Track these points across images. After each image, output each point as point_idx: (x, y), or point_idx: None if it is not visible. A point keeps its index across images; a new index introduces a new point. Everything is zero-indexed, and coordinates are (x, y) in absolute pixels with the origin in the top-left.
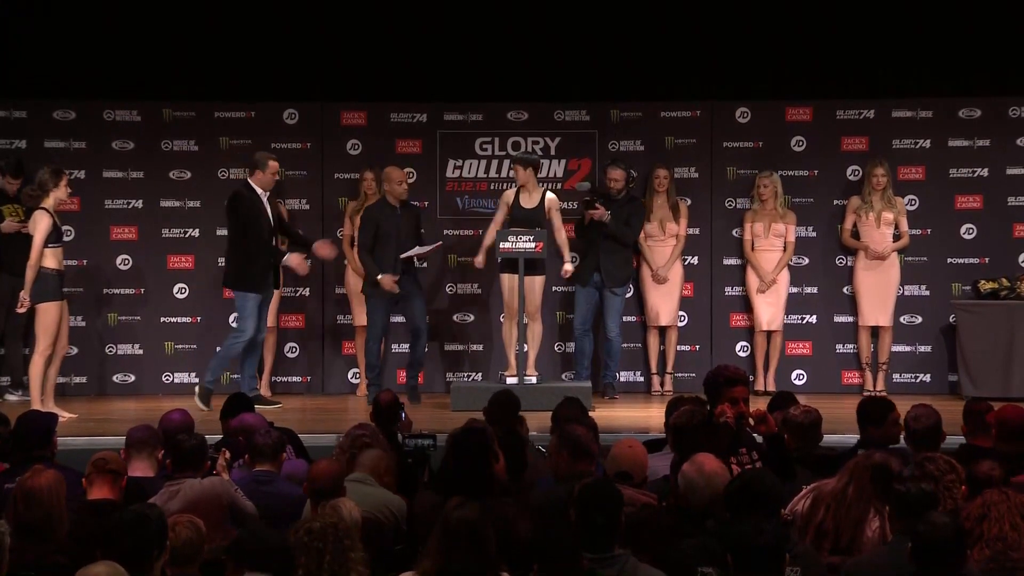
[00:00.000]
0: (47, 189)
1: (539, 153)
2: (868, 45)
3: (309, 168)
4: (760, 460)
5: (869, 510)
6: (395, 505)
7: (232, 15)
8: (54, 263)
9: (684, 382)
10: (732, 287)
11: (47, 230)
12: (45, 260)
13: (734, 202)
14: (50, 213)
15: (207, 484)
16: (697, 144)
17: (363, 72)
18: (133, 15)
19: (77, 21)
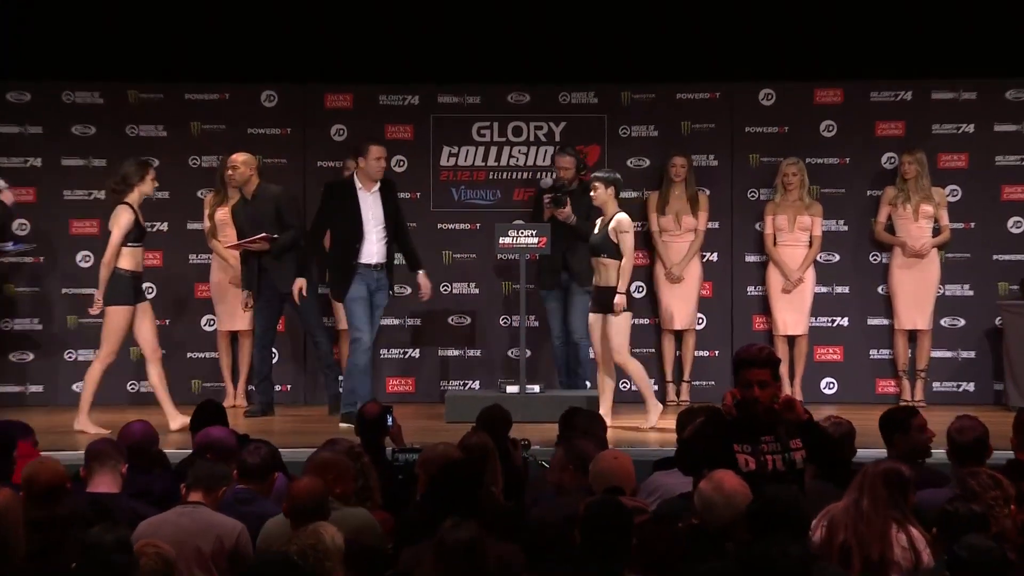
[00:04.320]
0: (131, 183)
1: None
2: (905, 19)
3: (290, 156)
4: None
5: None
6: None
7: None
8: (130, 264)
9: (702, 391)
10: (754, 286)
11: (127, 227)
12: (121, 260)
13: (757, 193)
14: (133, 209)
15: (217, 520)
16: (716, 129)
17: (349, 50)
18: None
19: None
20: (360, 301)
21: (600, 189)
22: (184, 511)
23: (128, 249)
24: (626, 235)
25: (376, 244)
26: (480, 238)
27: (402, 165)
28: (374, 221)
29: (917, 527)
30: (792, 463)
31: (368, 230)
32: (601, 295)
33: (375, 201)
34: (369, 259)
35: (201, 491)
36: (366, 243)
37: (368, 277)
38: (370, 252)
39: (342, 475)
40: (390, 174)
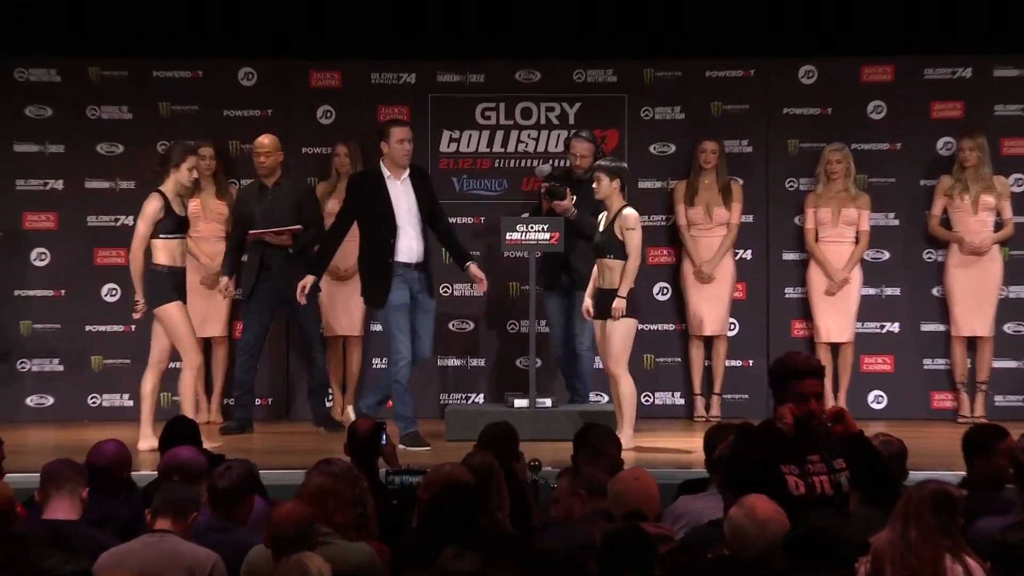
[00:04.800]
0: (167, 167)
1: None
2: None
3: None
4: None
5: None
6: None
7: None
8: (166, 258)
9: (735, 405)
10: (793, 287)
11: (152, 216)
12: (156, 254)
13: (796, 182)
14: (164, 197)
15: (188, 551)
16: (750, 111)
17: (337, 22)
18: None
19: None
20: (402, 309)
21: (604, 181)
22: (151, 540)
23: (162, 242)
24: (633, 232)
25: (415, 240)
26: (484, 234)
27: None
28: (408, 213)
29: (973, 556)
30: (839, 485)
31: (402, 224)
32: (605, 300)
33: (407, 190)
34: (408, 257)
35: (169, 518)
36: (402, 239)
37: (409, 279)
38: (408, 249)
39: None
40: None
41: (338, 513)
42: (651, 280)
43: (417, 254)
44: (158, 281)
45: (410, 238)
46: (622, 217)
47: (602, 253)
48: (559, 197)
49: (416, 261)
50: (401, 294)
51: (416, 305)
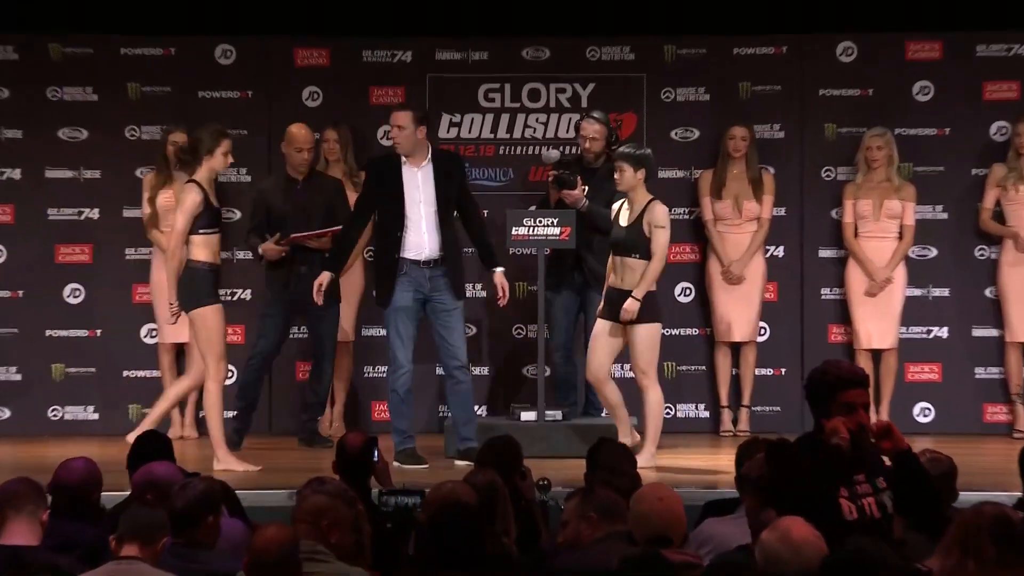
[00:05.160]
0: (200, 155)
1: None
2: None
3: (251, 126)
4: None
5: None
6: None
7: None
8: (204, 254)
9: (766, 419)
10: (830, 288)
11: (194, 209)
12: (194, 250)
13: (833, 172)
14: (201, 188)
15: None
16: (783, 93)
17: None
18: None
19: None
20: (404, 312)
21: (627, 171)
22: (118, 568)
23: (201, 238)
24: (662, 231)
25: (426, 234)
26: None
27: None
28: (421, 205)
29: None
30: (884, 507)
31: (412, 216)
32: (620, 299)
33: (424, 179)
34: (417, 253)
35: (137, 543)
36: (409, 232)
37: (417, 277)
38: (417, 244)
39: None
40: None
41: (334, 532)
42: (673, 280)
43: (430, 250)
44: (196, 280)
45: (420, 232)
46: (651, 212)
47: (624, 251)
48: (569, 186)
49: (429, 258)
50: (405, 295)
51: (432, 308)
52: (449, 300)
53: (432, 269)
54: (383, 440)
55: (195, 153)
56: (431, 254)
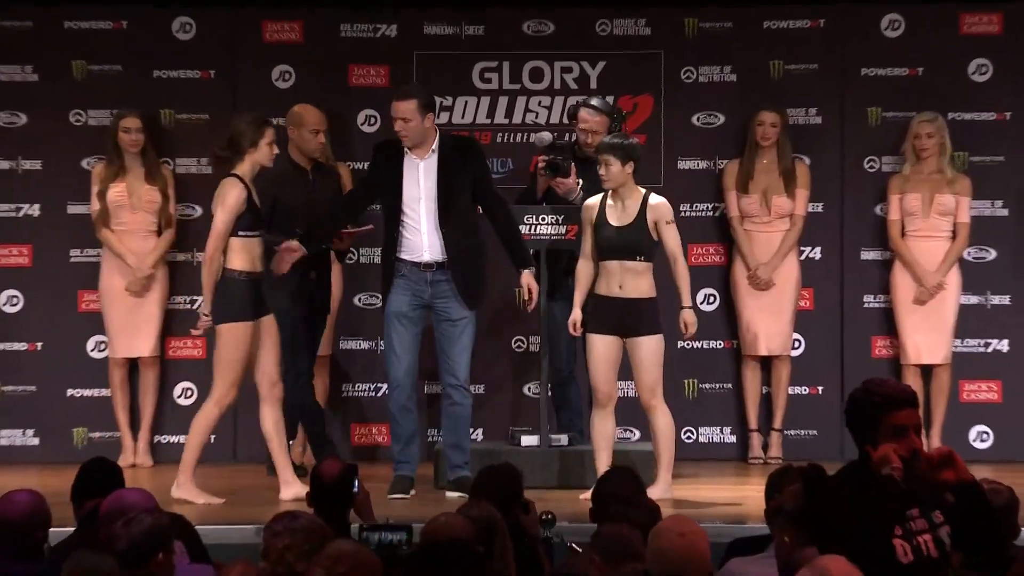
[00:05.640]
0: (242, 148)
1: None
2: None
3: (213, 110)
4: (945, 523)
5: None
6: None
7: None
8: (245, 261)
9: (800, 444)
10: (874, 295)
11: (236, 208)
12: (231, 256)
13: (877, 162)
14: (245, 184)
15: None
16: (820, 72)
17: None
18: None
19: None
20: (398, 320)
21: (614, 165)
22: None
23: (240, 241)
24: (675, 227)
25: (426, 234)
26: (484, 226)
27: (373, 123)
28: (421, 200)
29: None
30: (943, 545)
31: (409, 212)
32: (628, 311)
33: (427, 171)
34: (416, 255)
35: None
36: (406, 232)
37: (415, 281)
38: (415, 245)
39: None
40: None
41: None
42: (695, 286)
43: (430, 253)
44: (231, 290)
45: (419, 232)
46: (655, 207)
47: (626, 253)
48: (563, 173)
49: (430, 261)
50: (401, 299)
51: (435, 317)
52: (454, 309)
53: (434, 273)
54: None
55: (236, 147)
56: (432, 256)
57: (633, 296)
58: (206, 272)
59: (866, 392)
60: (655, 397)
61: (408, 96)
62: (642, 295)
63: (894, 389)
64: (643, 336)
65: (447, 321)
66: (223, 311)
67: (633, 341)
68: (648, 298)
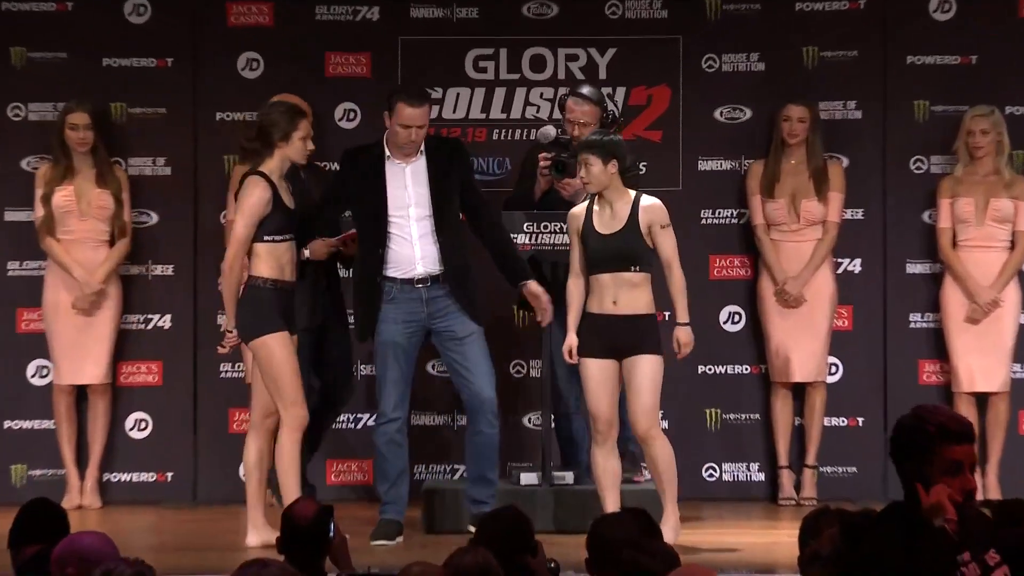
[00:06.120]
0: (271, 140)
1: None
2: None
3: (171, 103)
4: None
5: None
6: None
7: None
8: (270, 269)
9: (838, 483)
10: (922, 313)
11: (259, 210)
12: (257, 263)
13: (925, 162)
14: (271, 183)
15: None
16: (860, 59)
17: None
18: None
19: None
20: (392, 349)
21: (596, 166)
22: None
23: (266, 247)
24: (670, 230)
25: (418, 245)
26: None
27: (353, 118)
28: (412, 207)
29: None
30: None
31: (398, 223)
32: (627, 329)
33: (415, 175)
34: (408, 271)
35: None
36: (396, 244)
37: (408, 302)
38: (406, 259)
39: None
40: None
41: None
42: (716, 302)
43: (424, 265)
44: (259, 302)
45: (409, 243)
46: (648, 209)
47: (619, 264)
48: (570, 173)
49: (424, 275)
50: (393, 328)
51: (440, 339)
52: (459, 325)
53: (430, 289)
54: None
55: (266, 139)
56: (427, 269)
57: (628, 313)
58: (226, 284)
59: (917, 420)
60: (653, 426)
61: (425, 100)
62: (639, 311)
63: (950, 419)
64: (640, 355)
65: (454, 340)
66: (251, 325)
67: (629, 361)
68: (646, 314)
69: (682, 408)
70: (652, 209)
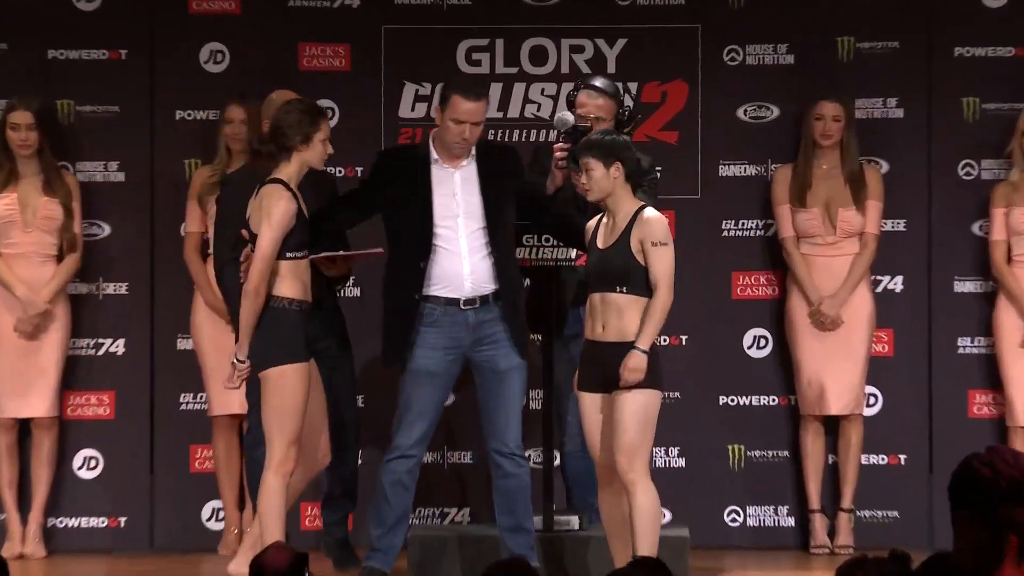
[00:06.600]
0: (290, 143)
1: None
2: None
3: (126, 100)
4: None
5: None
6: None
7: None
8: (292, 288)
9: (875, 529)
10: (972, 338)
11: (286, 223)
12: (279, 283)
13: (975, 167)
14: (293, 193)
15: None
16: (900, 52)
17: None
18: None
19: None
20: (424, 377)
21: (597, 170)
22: None
23: (289, 264)
24: (664, 250)
25: (467, 260)
26: None
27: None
28: (464, 216)
29: None
30: None
31: (445, 235)
32: (615, 358)
33: (466, 182)
34: (455, 289)
35: None
36: (438, 258)
37: (453, 326)
38: (453, 275)
39: None
40: None
41: None
42: (740, 325)
43: (473, 282)
44: (283, 326)
45: (458, 259)
46: (643, 223)
47: (605, 283)
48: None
49: (473, 295)
50: (432, 355)
51: (479, 368)
52: (502, 357)
53: (479, 311)
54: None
55: (283, 142)
56: (475, 289)
57: (614, 340)
58: (249, 308)
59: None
60: (633, 469)
61: (483, 96)
62: (626, 338)
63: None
64: (625, 391)
65: (493, 373)
66: (268, 351)
67: (615, 394)
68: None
69: (701, 445)
70: (646, 223)
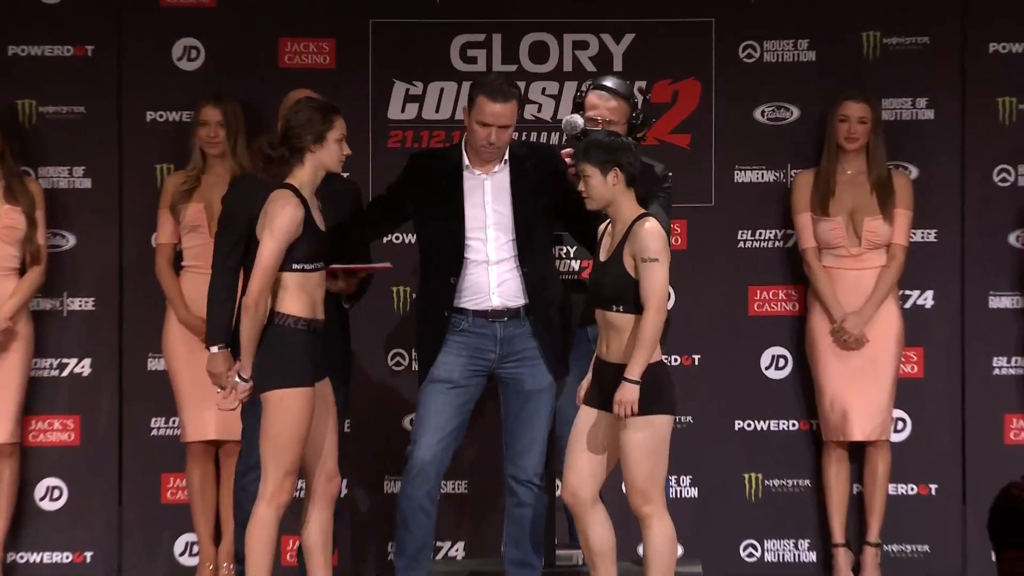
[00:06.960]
0: (302, 144)
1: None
2: None
3: (92, 100)
4: None
5: None
6: None
7: None
8: (299, 304)
9: (904, 564)
10: (1009, 358)
11: (291, 231)
12: (285, 297)
13: (1012, 173)
14: (303, 200)
15: None
16: (931, 48)
17: None
18: None
19: None
20: (443, 385)
21: (594, 177)
22: None
23: (296, 277)
24: (656, 267)
25: (496, 274)
26: None
27: None
28: (494, 226)
29: None
30: None
31: (472, 246)
32: (613, 382)
33: (497, 189)
34: (480, 301)
35: None
36: (469, 270)
37: (481, 337)
38: (480, 288)
39: None
40: None
41: None
42: (757, 344)
43: (501, 295)
44: (287, 346)
45: (484, 271)
46: (636, 236)
47: (603, 301)
48: None
49: (501, 307)
50: (452, 362)
51: (505, 386)
52: (529, 377)
53: (508, 325)
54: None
55: (295, 144)
56: (502, 301)
57: (616, 361)
58: (249, 323)
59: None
60: (648, 503)
61: (511, 96)
62: (622, 360)
63: None
64: (631, 419)
65: (517, 392)
66: (270, 372)
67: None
68: None
69: (715, 473)
70: (640, 236)
